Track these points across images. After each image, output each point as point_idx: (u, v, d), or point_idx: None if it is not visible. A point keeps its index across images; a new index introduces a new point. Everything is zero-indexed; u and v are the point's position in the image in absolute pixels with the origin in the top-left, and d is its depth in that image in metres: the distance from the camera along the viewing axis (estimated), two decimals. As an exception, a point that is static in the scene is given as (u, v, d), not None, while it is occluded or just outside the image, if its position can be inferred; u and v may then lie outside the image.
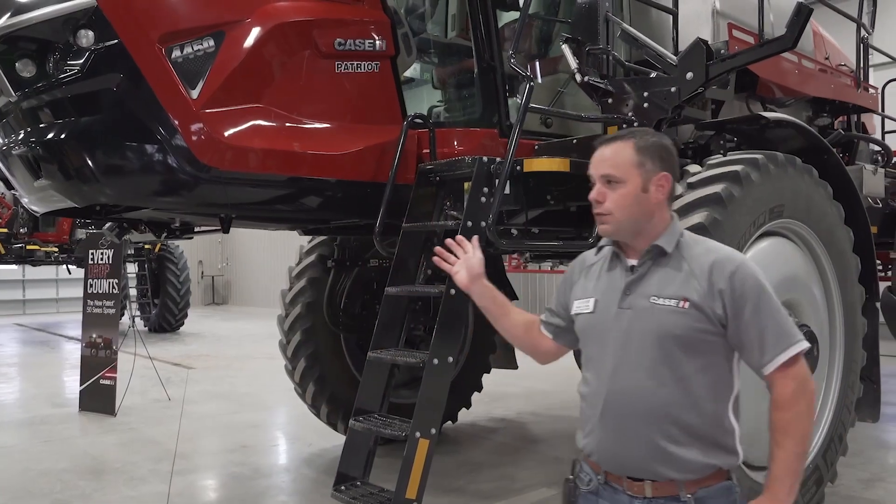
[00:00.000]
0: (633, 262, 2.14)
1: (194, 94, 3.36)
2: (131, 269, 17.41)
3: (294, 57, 3.68)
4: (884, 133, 7.80)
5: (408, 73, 4.96)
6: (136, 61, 3.29)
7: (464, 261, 2.47)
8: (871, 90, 6.61)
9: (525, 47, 5.04)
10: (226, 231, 4.02)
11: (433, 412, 3.34)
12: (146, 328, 16.61)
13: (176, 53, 3.36)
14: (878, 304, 4.92)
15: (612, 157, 2.10)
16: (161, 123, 3.34)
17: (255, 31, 3.52)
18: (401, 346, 3.74)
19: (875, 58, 6.82)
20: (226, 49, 3.44)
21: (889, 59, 7.35)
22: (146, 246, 15.74)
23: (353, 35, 3.85)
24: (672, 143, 2.18)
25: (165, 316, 16.18)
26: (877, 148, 7.26)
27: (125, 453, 6.19)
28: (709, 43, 3.63)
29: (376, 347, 3.66)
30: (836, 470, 4.31)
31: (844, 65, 6.50)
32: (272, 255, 24.25)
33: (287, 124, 3.63)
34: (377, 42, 3.95)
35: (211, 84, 3.40)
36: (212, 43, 3.42)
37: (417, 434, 3.28)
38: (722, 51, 4.32)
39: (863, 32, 6.35)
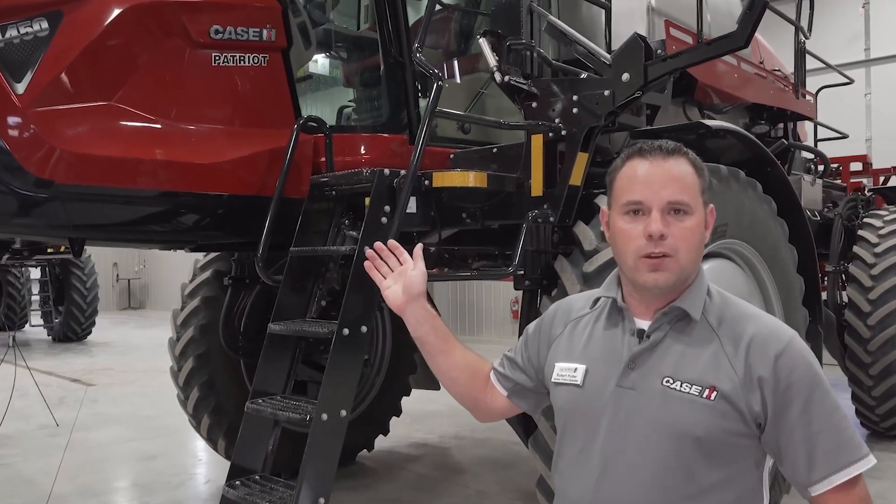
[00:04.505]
0: (642, 324, 1.61)
1: (20, 87, 2.71)
2: (34, 274, 16.27)
3: (158, 46, 3.05)
4: (816, 141, 7.59)
5: (317, 71, 4.39)
6: (-62, 46, 2.63)
7: (399, 274, 1.89)
8: (809, 97, 6.33)
9: (443, 42, 4.51)
10: (76, 255, 3.36)
11: (322, 477, 2.77)
12: (50, 338, 15.50)
13: (-6, 37, 2.70)
14: (820, 328, 4.59)
15: (681, 178, 1.55)
16: (-27, 125, 2.67)
17: (105, 13, 2.88)
18: (288, 393, 3.15)
19: (807, 63, 6.54)
20: (64, 33, 2.79)
21: (820, 66, 7.11)
22: (49, 249, 14.55)
23: (234, 22, 3.25)
24: None
25: (70, 324, 15.09)
26: (810, 156, 7.03)
27: (-9, 496, 5.43)
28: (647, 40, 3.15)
29: (257, 396, 3.07)
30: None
31: (779, 70, 6.22)
32: (193, 257, 23.16)
33: (147, 127, 3.00)
34: (264, 31, 3.36)
35: (43, 76, 2.75)
36: (45, 25, 2.77)
37: (302, 506, 2.71)
38: (659, 51, 3.89)
39: (800, 37, 6.06)
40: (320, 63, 4.31)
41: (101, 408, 8.74)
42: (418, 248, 1.92)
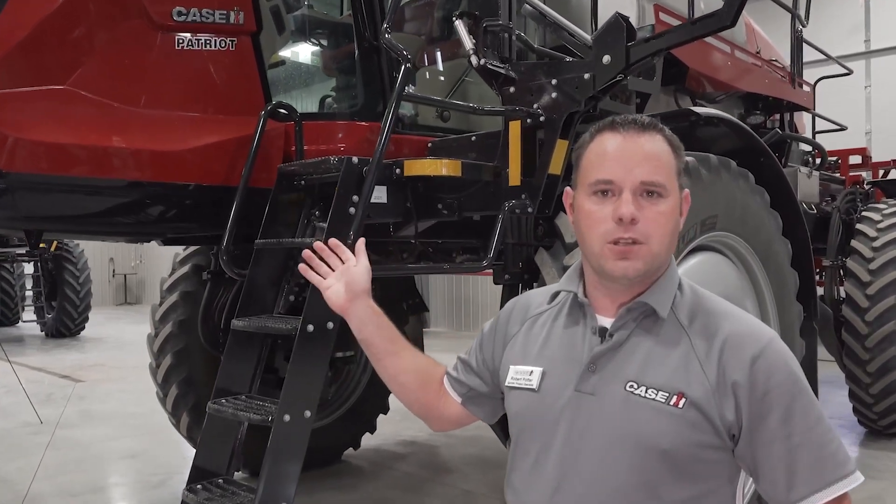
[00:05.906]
0: (605, 321, 1.45)
1: (-39, 68, 2.57)
2: (27, 269, 16.16)
3: (116, 27, 2.91)
4: (814, 132, 7.44)
5: (291, 57, 4.24)
6: None
7: (341, 272, 1.73)
8: (806, 87, 6.17)
9: (425, 29, 4.36)
10: (33, 247, 3.22)
11: (285, 480, 2.63)
12: (43, 333, 15.38)
13: (-66, 15, 2.56)
14: (815, 324, 4.45)
15: (657, 156, 1.39)
16: None
17: (57, -9, 2.73)
18: (254, 392, 3.01)
19: (805, 55, 6.38)
20: (12, 11, 2.64)
21: (819, 58, 6.95)
22: (41, 244, 14.39)
23: (199, 3, 3.10)
24: None
25: (63, 320, 14.93)
26: (808, 148, 6.88)
27: (-34, 497, 5.29)
28: (630, 21, 2.99)
29: (220, 395, 2.92)
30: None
31: (776, 60, 6.06)
32: (189, 253, 22.98)
33: (105, 113, 2.86)
34: (232, 14, 3.21)
35: (-13, 56, 2.60)
36: (-11, 3, 2.63)
37: (263, 513, 2.56)
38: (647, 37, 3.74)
39: (797, 25, 5.90)
40: (294, 49, 4.16)
41: (88, 405, 8.61)
42: (360, 242, 1.77)
